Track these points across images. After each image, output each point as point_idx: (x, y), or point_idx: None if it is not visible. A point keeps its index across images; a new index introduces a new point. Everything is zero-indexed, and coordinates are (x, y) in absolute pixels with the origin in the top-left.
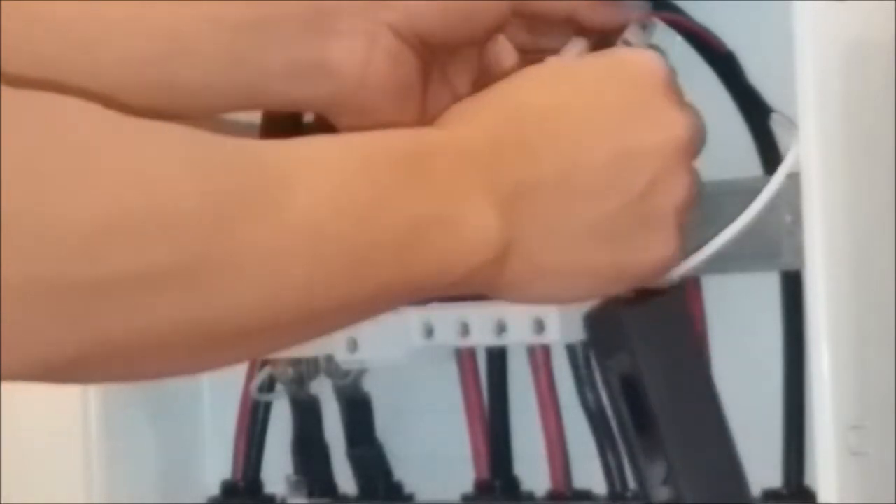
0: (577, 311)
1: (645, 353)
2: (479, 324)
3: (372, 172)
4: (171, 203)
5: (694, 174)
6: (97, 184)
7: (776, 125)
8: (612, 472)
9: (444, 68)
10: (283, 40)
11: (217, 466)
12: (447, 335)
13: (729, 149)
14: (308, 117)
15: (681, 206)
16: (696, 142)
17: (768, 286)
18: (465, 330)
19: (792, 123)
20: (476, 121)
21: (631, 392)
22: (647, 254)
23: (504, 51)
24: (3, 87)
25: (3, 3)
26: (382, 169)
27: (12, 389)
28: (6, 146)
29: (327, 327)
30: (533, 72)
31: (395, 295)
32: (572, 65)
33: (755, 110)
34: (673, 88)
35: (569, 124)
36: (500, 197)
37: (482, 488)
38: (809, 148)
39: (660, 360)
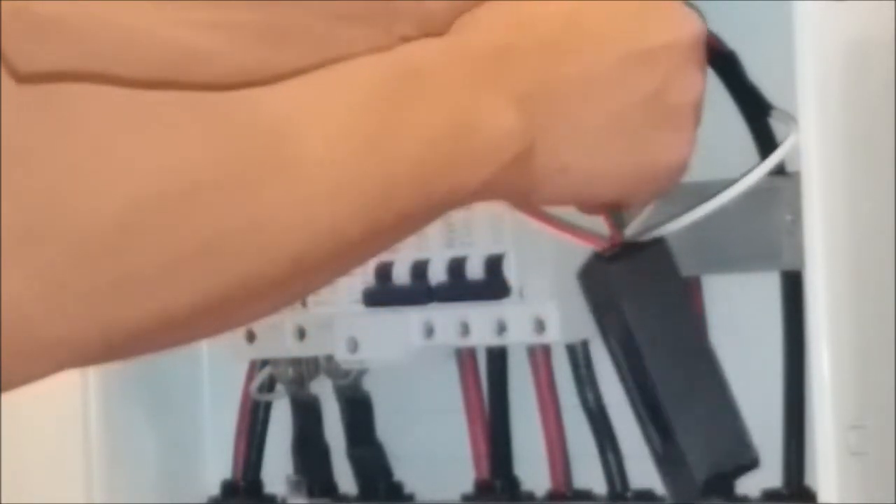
0: (578, 311)
1: (631, 306)
2: (479, 324)
3: (378, 99)
4: (188, 181)
5: (704, 74)
6: (112, 175)
7: (777, 121)
8: (612, 472)
9: None
10: (294, 54)
11: (217, 466)
12: (447, 335)
13: (729, 149)
14: None
15: (696, 106)
16: (701, 44)
17: (768, 286)
18: (465, 330)
19: (793, 119)
20: (486, 25)
21: (629, 351)
22: (666, 154)
23: None
24: (13, 85)
25: (7, 7)
26: (388, 93)
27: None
28: (25, 146)
29: (359, 260)
30: None
31: (423, 214)
32: None
33: (755, 110)
34: None
35: (584, 24)
36: (518, 96)
37: (482, 488)
38: (809, 148)
39: (648, 312)
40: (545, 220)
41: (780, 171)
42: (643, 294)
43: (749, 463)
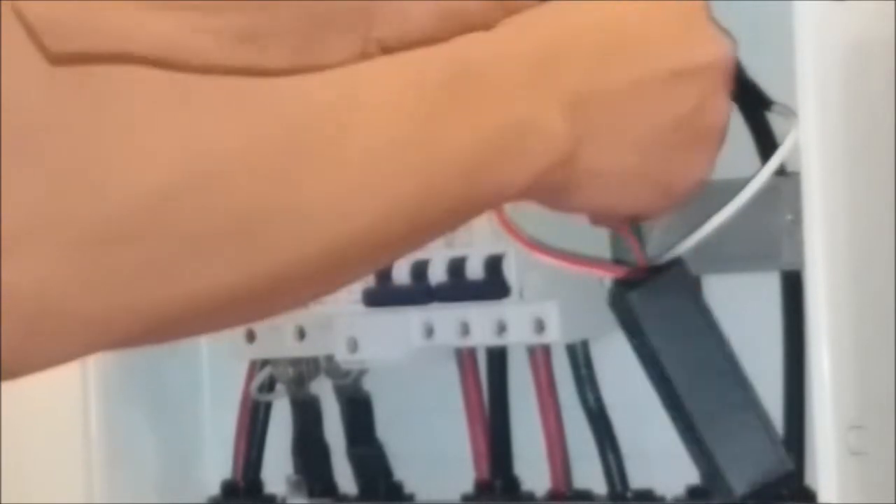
0: (578, 311)
1: (655, 329)
2: (479, 324)
3: (428, 95)
4: (224, 161)
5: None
6: (148, 155)
7: (778, 115)
8: (612, 472)
9: None
10: (275, 59)
11: (217, 466)
12: (447, 335)
13: (728, 148)
14: None
15: (723, 127)
16: (731, 67)
17: (768, 286)
18: (465, 330)
19: (793, 113)
20: (538, 28)
21: (658, 373)
22: (691, 170)
23: None
24: (46, 66)
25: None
26: (440, 90)
27: (12, 389)
28: (59, 126)
29: (395, 256)
30: None
31: (465, 213)
32: None
33: (755, 110)
34: (712, 14)
35: (635, 36)
36: (568, 100)
37: (482, 488)
38: (809, 148)
39: (673, 335)
40: (562, 259)
41: (780, 171)
42: (665, 316)
43: (787, 473)
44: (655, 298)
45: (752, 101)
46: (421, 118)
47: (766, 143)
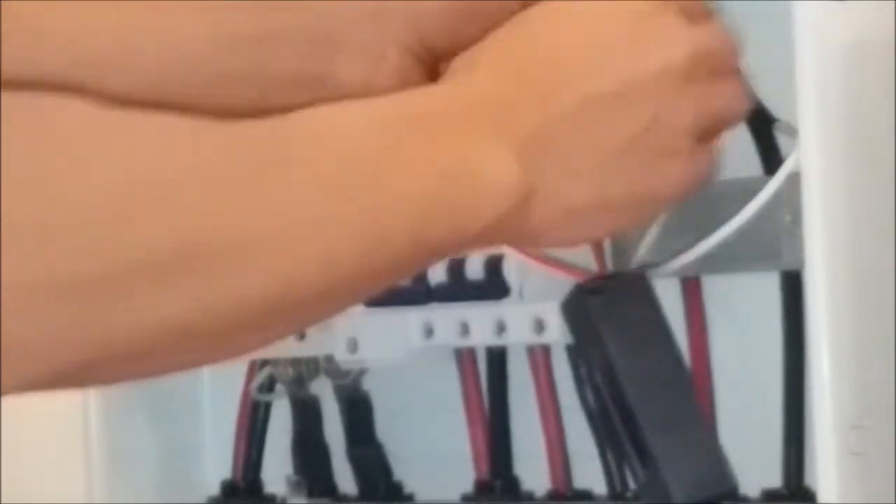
0: None
1: (613, 337)
2: (479, 324)
3: (378, 139)
4: (167, 185)
5: (703, 91)
6: (75, 186)
7: (781, 132)
8: (612, 472)
9: None
10: (288, 59)
11: (217, 466)
12: (447, 335)
13: (729, 149)
14: None
15: (691, 128)
16: (707, 56)
17: (768, 286)
18: (465, 330)
19: (796, 132)
20: (482, 69)
21: (610, 380)
22: (665, 180)
23: None
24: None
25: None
26: (389, 134)
27: None
28: (12, 151)
29: (342, 305)
30: (530, 14)
31: (414, 260)
32: (569, 3)
33: (755, 111)
34: (674, 8)
35: (575, 62)
36: (516, 142)
37: (482, 488)
38: (809, 148)
39: (629, 343)
40: (532, 257)
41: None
42: (623, 325)
43: (728, 489)
44: (614, 305)
45: (756, 118)
46: (372, 166)
47: (766, 147)
